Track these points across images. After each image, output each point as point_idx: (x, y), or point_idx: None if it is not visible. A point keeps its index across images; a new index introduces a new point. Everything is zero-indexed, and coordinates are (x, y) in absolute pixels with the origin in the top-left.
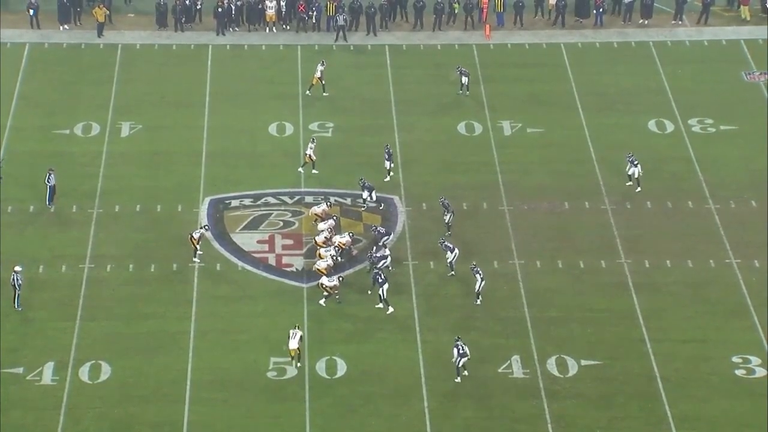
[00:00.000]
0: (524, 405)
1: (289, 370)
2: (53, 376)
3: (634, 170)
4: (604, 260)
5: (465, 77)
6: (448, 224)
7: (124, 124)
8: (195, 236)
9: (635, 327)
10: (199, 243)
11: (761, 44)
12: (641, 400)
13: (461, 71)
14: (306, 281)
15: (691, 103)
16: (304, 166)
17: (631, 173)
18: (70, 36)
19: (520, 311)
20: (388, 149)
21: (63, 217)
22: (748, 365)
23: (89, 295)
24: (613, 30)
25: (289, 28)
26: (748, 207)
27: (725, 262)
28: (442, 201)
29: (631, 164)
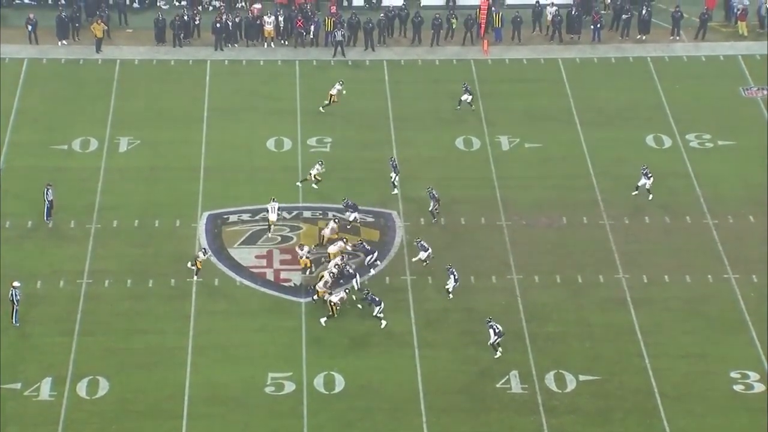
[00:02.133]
0: (522, 420)
1: (287, 385)
2: (51, 392)
3: (646, 182)
4: (602, 275)
5: (467, 95)
6: (432, 212)
7: (122, 140)
8: (200, 259)
9: (633, 342)
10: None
11: (759, 60)
12: (639, 415)
13: (466, 89)
14: (304, 296)
15: (689, 119)
16: (303, 182)
17: (642, 184)
18: (68, 51)
19: (518, 326)
20: (393, 162)
21: (61, 232)
22: (747, 381)
23: (87, 310)
24: (611, 45)
25: (287, 44)
26: (746, 222)
27: (723, 277)
28: (429, 191)
29: (644, 176)
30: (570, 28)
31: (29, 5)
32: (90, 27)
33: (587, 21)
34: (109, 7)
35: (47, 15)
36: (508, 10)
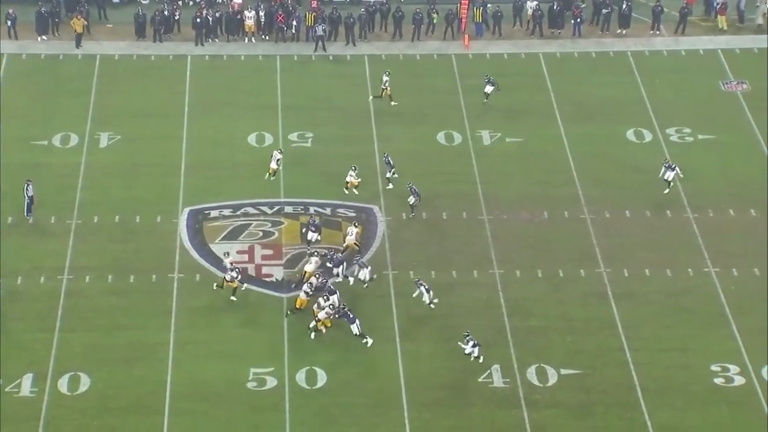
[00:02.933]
0: (504, 414)
1: (269, 380)
2: (32, 388)
3: (671, 174)
4: (583, 269)
5: (490, 86)
6: (411, 206)
7: (103, 135)
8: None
9: (614, 336)
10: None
11: (738, 54)
12: (621, 409)
13: (489, 80)
14: (286, 291)
15: (669, 113)
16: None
17: (668, 177)
18: (48, 47)
19: (499, 320)
20: (387, 158)
21: (41, 228)
22: (727, 374)
23: (68, 306)
24: (592, 40)
25: (268, 39)
26: (726, 216)
27: (704, 271)
28: (410, 187)
29: (668, 169)
30: (551, 23)
31: (8, 0)
32: (70, 22)
33: (568, 16)
34: (89, 2)
35: (27, 10)
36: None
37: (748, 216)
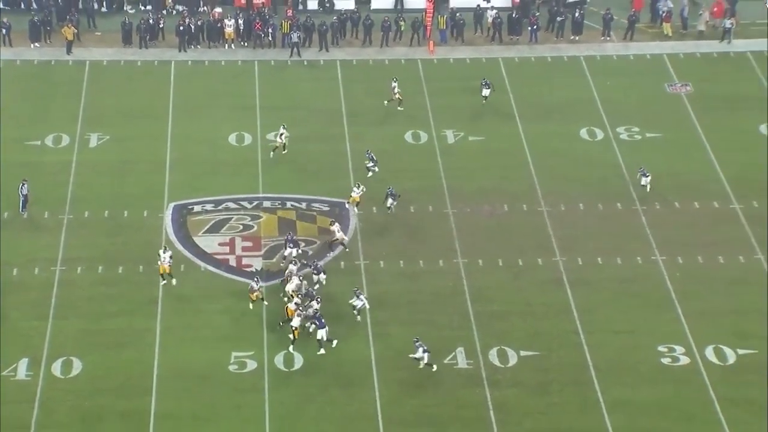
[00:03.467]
0: (468, 393)
1: (249, 363)
2: (27, 372)
3: (646, 180)
4: (540, 258)
5: (486, 89)
6: (389, 208)
7: (93, 135)
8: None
9: (570, 320)
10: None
11: (682, 58)
12: (576, 387)
13: (486, 83)
14: (265, 280)
15: (619, 113)
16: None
17: (644, 183)
18: (40, 53)
19: (463, 306)
20: (370, 154)
21: (35, 223)
22: (673, 354)
23: (61, 295)
24: (547, 45)
25: (246, 45)
26: (671, 208)
27: (651, 259)
28: (389, 190)
29: (643, 175)
30: (510, 30)
31: (3, 10)
32: (61, 30)
33: (525, 23)
34: (79, 11)
35: (20, 19)
36: (451, 12)
37: (692, 208)
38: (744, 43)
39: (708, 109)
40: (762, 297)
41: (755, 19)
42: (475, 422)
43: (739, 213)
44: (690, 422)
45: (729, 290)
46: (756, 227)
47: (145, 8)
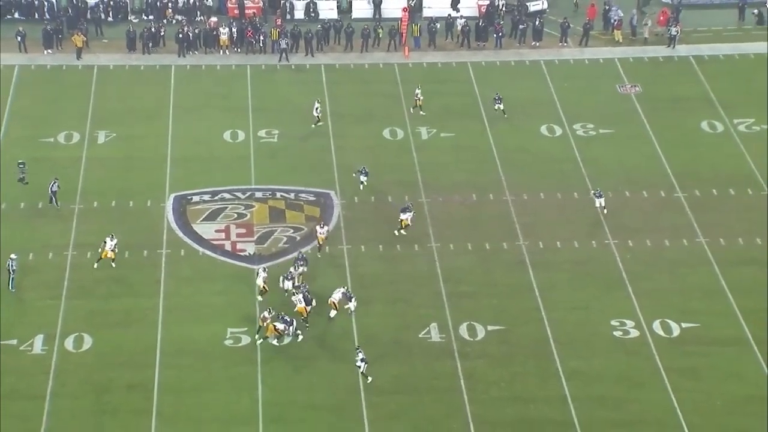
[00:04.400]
0: (441, 364)
1: (243, 339)
2: (43, 347)
3: (600, 201)
4: (506, 243)
5: (498, 103)
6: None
7: (101, 133)
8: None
9: (532, 298)
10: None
11: (632, 62)
12: (537, 358)
13: (497, 98)
14: (257, 263)
15: (576, 111)
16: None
17: (598, 205)
18: (53, 59)
19: (436, 286)
20: (364, 169)
21: (49, 212)
22: (624, 328)
23: (72, 277)
24: (511, 51)
25: (240, 51)
26: (623, 197)
27: (605, 242)
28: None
29: (597, 197)
30: (477, 37)
31: (19, 20)
32: (71, 38)
33: (491, 31)
34: (88, 21)
35: (34, 28)
36: (424, 21)
37: (641, 197)
38: (687, 48)
39: (655, 108)
40: (703, 276)
41: (697, 27)
42: (447, 390)
43: (683, 201)
44: (639, 389)
45: (674, 270)
46: (698, 214)
47: (148, 18)
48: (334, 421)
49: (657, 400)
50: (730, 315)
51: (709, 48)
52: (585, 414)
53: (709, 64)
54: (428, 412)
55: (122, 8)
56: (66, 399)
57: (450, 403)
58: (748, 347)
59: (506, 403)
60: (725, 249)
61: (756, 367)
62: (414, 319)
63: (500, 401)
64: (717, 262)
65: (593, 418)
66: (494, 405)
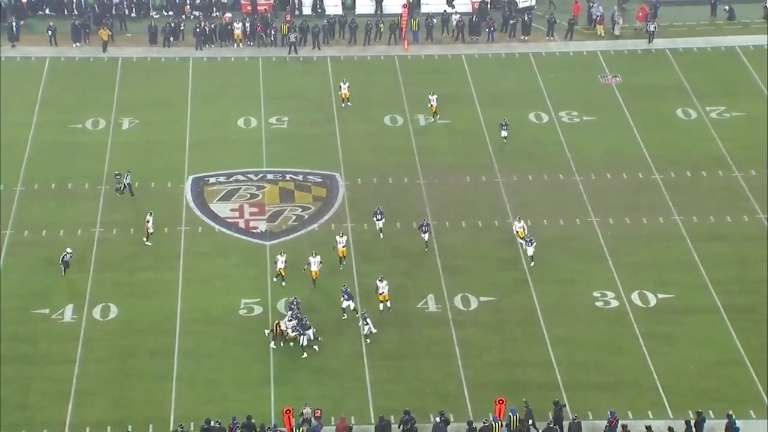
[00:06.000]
0: (437, 332)
1: (256, 308)
2: (73, 315)
3: (530, 248)
4: (497, 221)
5: (504, 131)
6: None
7: (125, 120)
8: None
9: (521, 271)
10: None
11: (613, 54)
12: (525, 326)
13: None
14: (269, 240)
15: (561, 100)
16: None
17: (530, 252)
18: (81, 51)
19: (433, 260)
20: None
21: (78, 192)
22: (605, 299)
23: (99, 252)
24: (501, 44)
25: (252, 44)
26: (604, 179)
27: (587, 220)
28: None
29: (528, 243)
30: (471, 31)
31: (49, 15)
32: (98, 32)
33: (484, 26)
34: (113, 16)
35: (63, 23)
36: (422, 16)
37: (621, 178)
38: (664, 41)
39: (634, 97)
40: (677, 251)
41: (673, 22)
42: (443, 356)
43: (659, 182)
44: (619, 354)
45: (651, 245)
46: (673, 194)
47: (168, 14)
48: (339, 383)
49: (635, 364)
50: (702, 286)
51: (684, 41)
52: (569, 377)
53: (683, 56)
54: (425, 376)
55: (144, 5)
56: (94, 364)
57: (446, 368)
58: (719, 316)
59: (497, 368)
60: (698, 226)
61: (725, 334)
62: (412, 291)
63: (492, 366)
64: (690, 237)
65: (577, 381)
66: (486, 369)
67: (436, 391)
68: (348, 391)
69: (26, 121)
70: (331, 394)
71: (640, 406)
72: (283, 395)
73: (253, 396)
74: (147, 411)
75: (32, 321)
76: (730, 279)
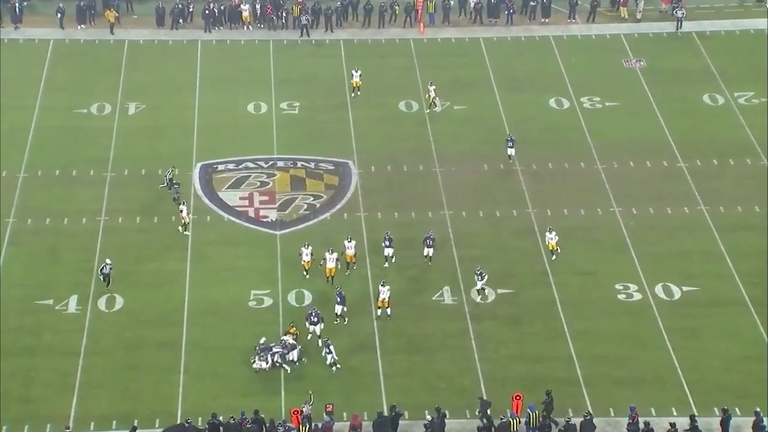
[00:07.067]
0: (453, 325)
1: (266, 300)
2: (77, 306)
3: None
4: (515, 210)
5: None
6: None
7: (131, 104)
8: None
9: (540, 263)
10: None
11: (637, 38)
12: (544, 319)
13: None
14: (279, 229)
15: (583, 85)
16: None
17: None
18: (86, 34)
19: (449, 251)
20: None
21: (82, 179)
22: (628, 291)
23: (105, 241)
24: (521, 27)
25: (262, 27)
26: (627, 167)
27: (609, 210)
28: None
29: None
30: (489, 13)
31: None
32: (104, 14)
33: (503, 8)
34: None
35: (69, 4)
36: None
37: (645, 167)
38: (690, 24)
39: (658, 82)
40: (703, 242)
41: (699, 4)
42: (459, 349)
43: (684, 170)
44: (641, 348)
45: (675, 236)
46: (699, 183)
47: None
48: (352, 377)
49: (658, 359)
50: (728, 278)
51: (711, 24)
52: (589, 372)
53: (711, 39)
54: (440, 370)
55: None
56: (99, 356)
57: (461, 362)
58: (746, 309)
59: (515, 362)
60: (724, 216)
61: (753, 328)
62: (427, 283)
63: (509, 360)
64: (716, 228)
65: (597, 376)
66: (503, 363)
67: (451, 386)
68: (360, 386)
69: (29, 105)
70: (343, 388)
71: (664, 403)
72: (294, 389)
73: (262, 390)
74: (153, 405)
75: (35, 312)
76: (758, 271)
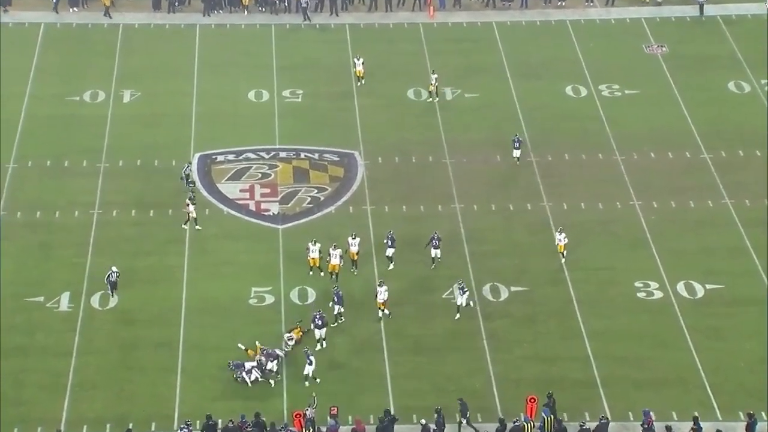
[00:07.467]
0: (464, 324)
1: (267, 297)
2: (69, 304)
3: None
4: (529, 203)
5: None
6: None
7: (126, 92)
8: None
9: (555, 259)
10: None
11: (658, 22)
12: (560, 318)
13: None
14: (281, 223)
15: (601, 71)
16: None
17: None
18: (79, 17)
19: (460, 247)
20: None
21: (75, 170)
22: (648, 289)
23: (98, 236)
24: (536, 10)
25: (264, 10)
26: (648, 158)
27: (629, 203)
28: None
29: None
30: None
31: None
32: None
33: None
34: None
35: None
36: None
37: (666, 158)
38: (715, 8)
39: (681, 68)
40: (728, 237)
41: None
42: (470, 350)
43: (708, 162)
44: (662, 348)
45: (698, 231)
46: (723, 175)
47: None
48: (358, 379)
49: (680, 360)
50: (754, 275)
51: (737, 8)
52: (607, 373)
53: (736, 24)
54: (450, 371)
55: None
56: (92, 356)
57: (473, 363)
58: None
59: (529, 363)
60: (750, 210)
61: None
62: (437, 280)
63: (523, 360)
64: (742, 223)
65: (616, 378)
66: (517, 364)
67: (461, 388)
68: (366, 388)
69: (19, 92)
70: (348, 390)
71: (686, 406)
72: (296, 392)
73: (263, 392)
74: (149, 407)
75: (26, 310)
76: None
